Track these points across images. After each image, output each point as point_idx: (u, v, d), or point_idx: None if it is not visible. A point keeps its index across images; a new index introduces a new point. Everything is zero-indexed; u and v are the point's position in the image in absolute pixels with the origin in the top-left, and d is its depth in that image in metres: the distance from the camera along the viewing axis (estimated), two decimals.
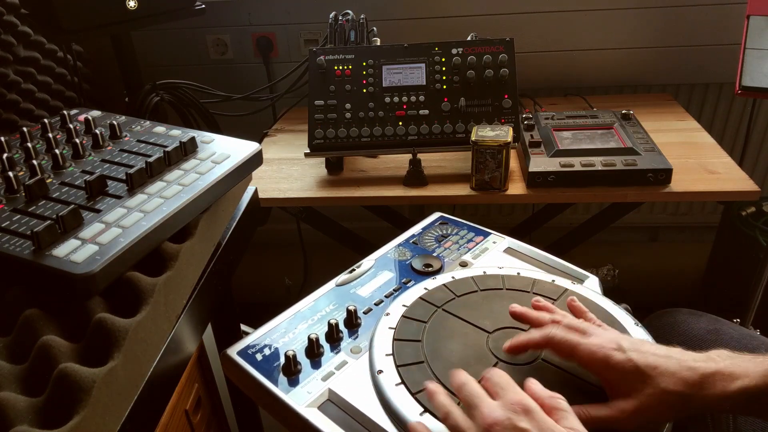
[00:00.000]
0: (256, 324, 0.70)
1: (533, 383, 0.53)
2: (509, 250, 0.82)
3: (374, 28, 1.29)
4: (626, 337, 0.56)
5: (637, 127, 1.18)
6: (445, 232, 0.87)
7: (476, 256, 0.81)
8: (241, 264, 0.80)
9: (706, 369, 0.51)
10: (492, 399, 0.50)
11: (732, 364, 0.51)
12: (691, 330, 0.85)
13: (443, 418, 0.51)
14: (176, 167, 0.69)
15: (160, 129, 0.78)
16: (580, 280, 0.75)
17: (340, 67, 1.17)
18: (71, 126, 0.76)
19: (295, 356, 0.63)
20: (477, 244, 0.83)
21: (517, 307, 0.64)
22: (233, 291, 0.91)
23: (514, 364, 0.60)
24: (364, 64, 1.17)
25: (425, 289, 0.72)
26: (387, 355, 0.61)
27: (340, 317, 0.69)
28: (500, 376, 0.52)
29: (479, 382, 0.53)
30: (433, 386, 0.54)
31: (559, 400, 0.50)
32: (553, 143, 1.13)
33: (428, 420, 0.54)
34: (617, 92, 1.56)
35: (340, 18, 1.26)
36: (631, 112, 1.22)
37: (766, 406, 0.49)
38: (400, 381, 0.58)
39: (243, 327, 0.93)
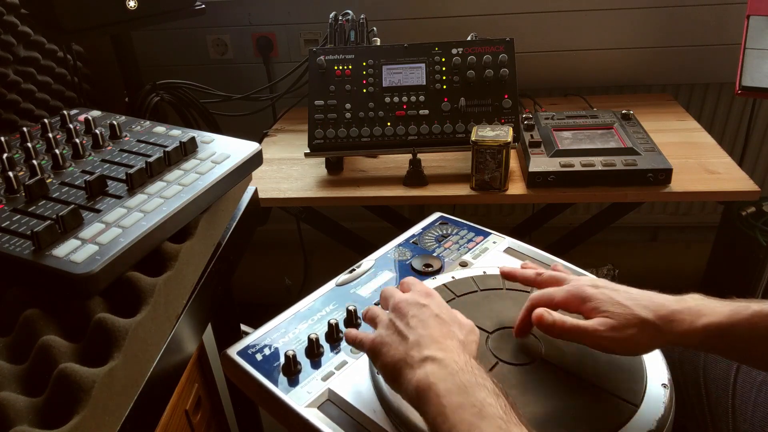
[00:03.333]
0: (256, 324, 0.70)
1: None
2: (509, 250, 0.82)
3: (374, 28, 1.29)
4: (603, 280, 0.60)
5: (637, 127, 1.18)
6: (445, 232, 0.87)
7: (476, 256, 0.81)
8: (241, 264, 0.80)
9: (676, 306, 0.55)
10: None
11: (701, 304, 0.55)
12: None
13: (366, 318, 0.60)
14: (176, 167, 0.69)
15: (160, 129, 0.78)
16: None
17: (340, 67, 1.17)
18: (71, 126, 0.76)
19: (295, 356, 0.63)
20: (477, 244, 0.83)
21: (506, 267, 0.68)
22: (233, 291, 0.91)
23: (515, 364, 0.60)
24: (364, 64, 1.17)
25: None
26: None
27: (340, 317, 0.69)
28: (410, 279, 0.63)
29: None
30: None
31: None
32: (553, 143, 1.13)
33: None
34: (617, 92, 1.56)
35: (340, 18, 1.26)
36: (631, 112, 1.22)
37: (730, 343, 0.53)
38: None
39: (243, 327, 0.93)
